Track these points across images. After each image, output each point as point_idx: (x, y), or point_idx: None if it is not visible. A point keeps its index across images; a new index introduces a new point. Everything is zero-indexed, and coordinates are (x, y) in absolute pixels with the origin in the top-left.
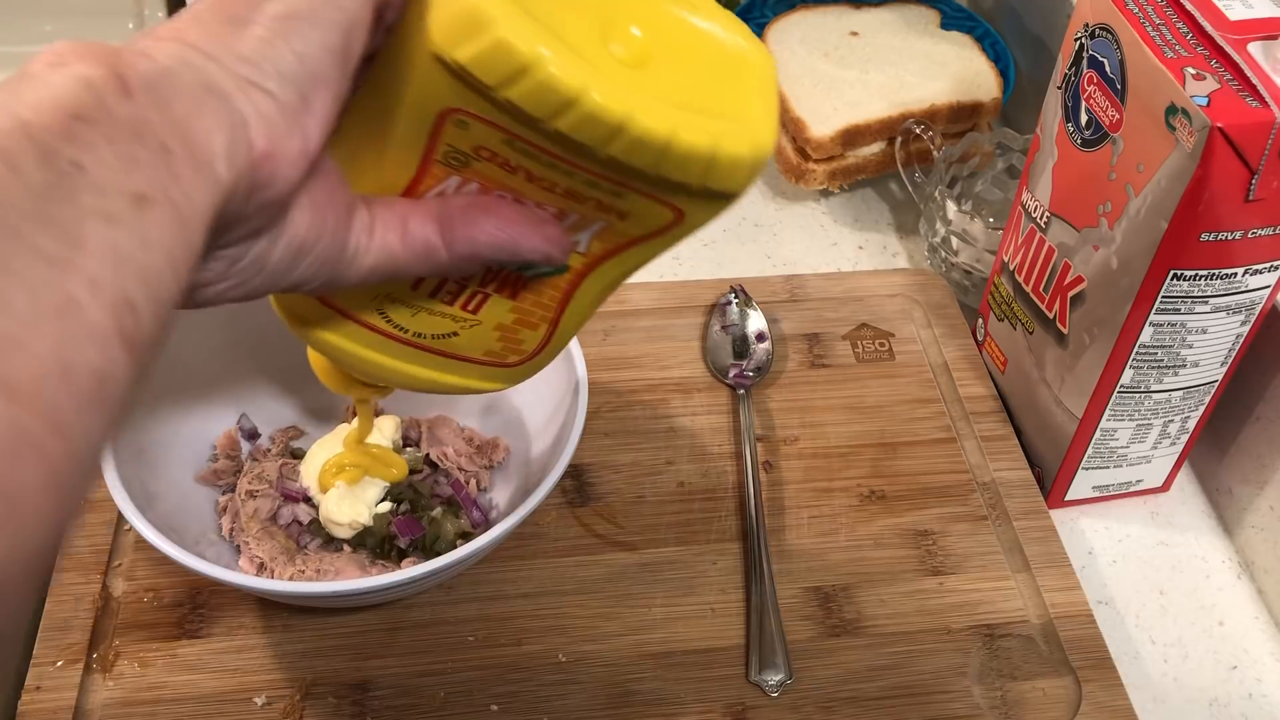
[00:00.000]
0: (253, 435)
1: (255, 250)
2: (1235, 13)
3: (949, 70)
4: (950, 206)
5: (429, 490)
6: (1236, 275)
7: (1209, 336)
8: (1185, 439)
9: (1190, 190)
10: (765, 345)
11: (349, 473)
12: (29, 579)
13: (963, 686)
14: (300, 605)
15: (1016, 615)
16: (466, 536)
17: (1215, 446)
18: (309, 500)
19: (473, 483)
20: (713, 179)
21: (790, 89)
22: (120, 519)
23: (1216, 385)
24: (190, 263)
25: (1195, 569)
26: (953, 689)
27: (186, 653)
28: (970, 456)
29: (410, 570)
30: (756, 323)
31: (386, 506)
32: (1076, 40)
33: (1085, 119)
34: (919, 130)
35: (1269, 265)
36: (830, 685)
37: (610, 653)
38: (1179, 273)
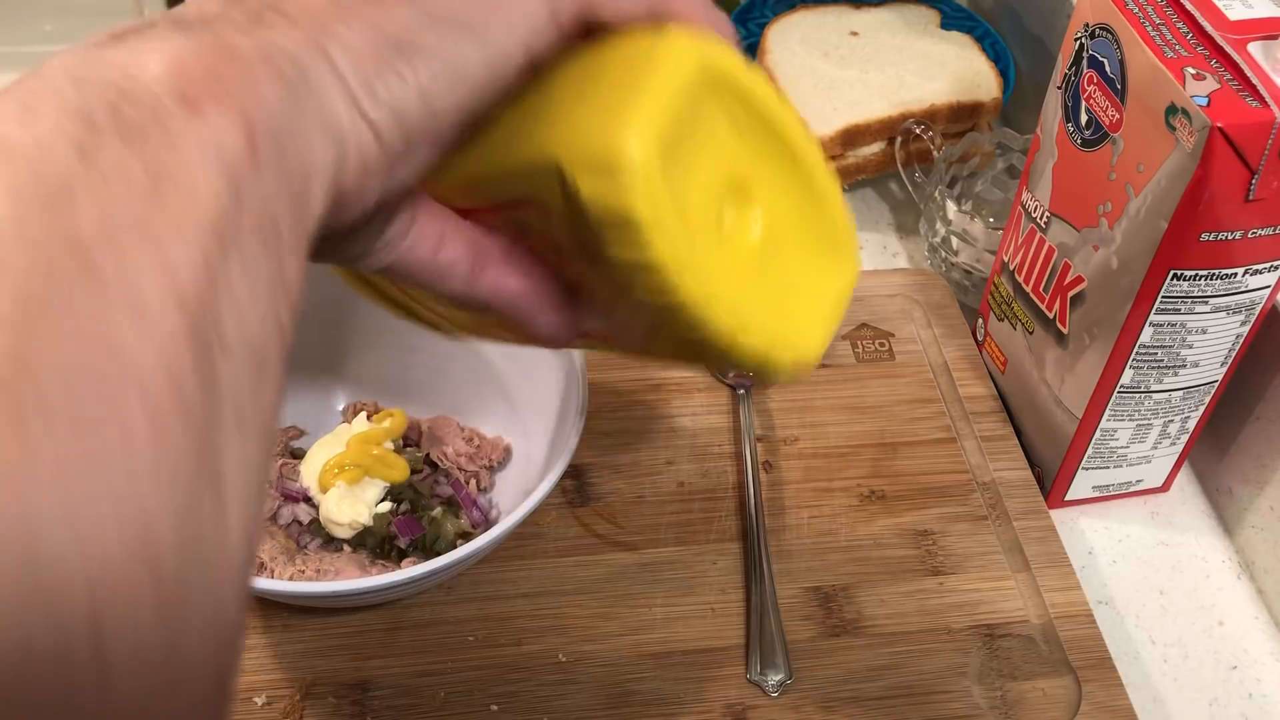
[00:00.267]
0: None
1: None
2: (1235, 13)
3: (949, 70)
4: (950, 206)
5: (429, 490)
6: (1236, 275)
7: (1209, 336)
8: (1185, 439)
9: (1190, 190)
10: None
11: (349, 472)
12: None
13: (963, 686)
14: (300, 605)
15: (1016, 615)
16: (466, 536)
17: (1215, 446)
18: (309, 500)
19: (473, 483)
20: (749, 367)
21: (790, 89)
22: None
23: (1216, 385)
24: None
25: (1195, 569)
26: (953, 689)
27: None
28: (970, 456)
29: (410, 570)
30: None
31: (386, 506)
32: (1076, 40)
33: (1085, 119)
34: (919, 130)
35: (1269, 265)
36: (830, 685)
37: (610, 653)
38: (1179, 273)
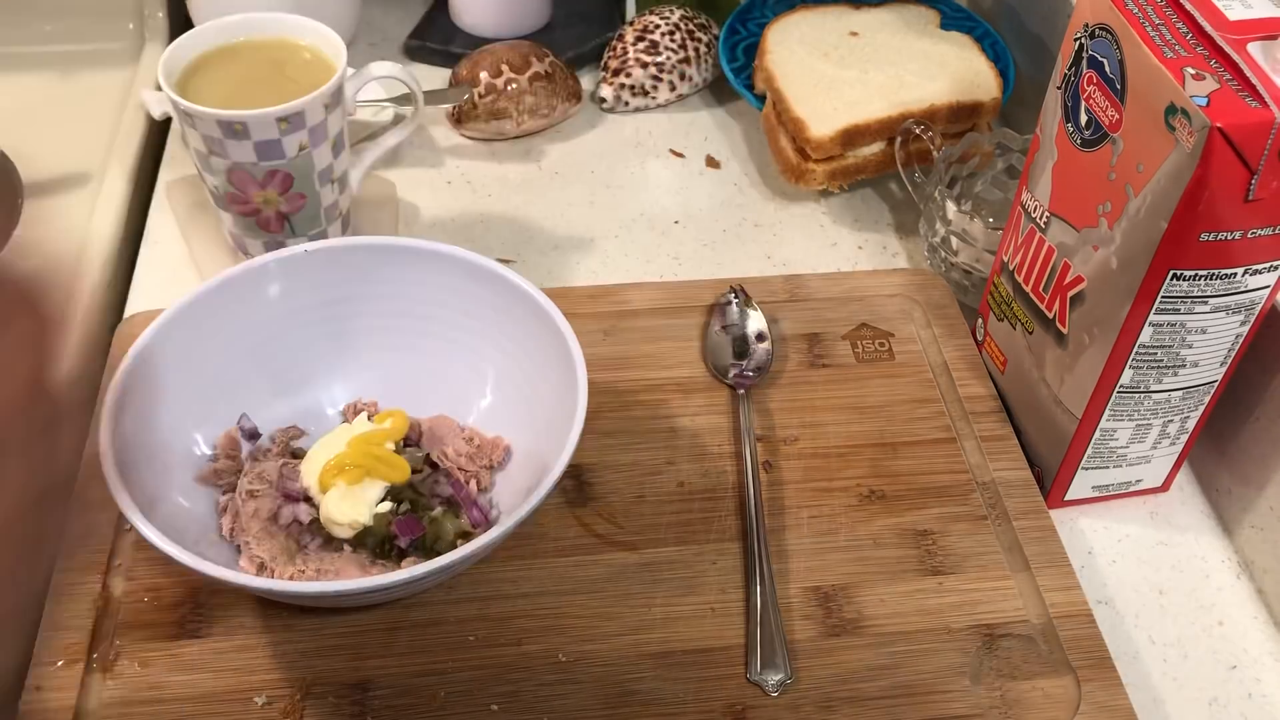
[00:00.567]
0: (253, 435)
1: None
2: (1235, 13)
3: (949, 70)
4: (950, 206)
5: (429, 490)
6: (1236, 275)
7: (1209, 336)
8: (1185, 439)
9: (1190, 190)
10: (765, 345)
11: (350, 473)
12: None
13: (962, 686)
14: (300, 605)
15: (1016, 615)
16: (466, 536)
17: (1215, 446)
18: (309, 500)
19: (473, 483)
20: None
21: (790, 89)
22: (121, 519)
23: (1216, 385)
24: None
25: (1195, 569)
26: (952, 689)
27: (187, 652)
28: (970, 456)
29: (410, 570)
30: (756, 323)
31: (387, 506)
32: (1076, 40)
33: (1085, 119)
34: (919, 130)
35: (1269, 265)
36: (830, 685)
37: (610, 652)
38: (1178, 273)
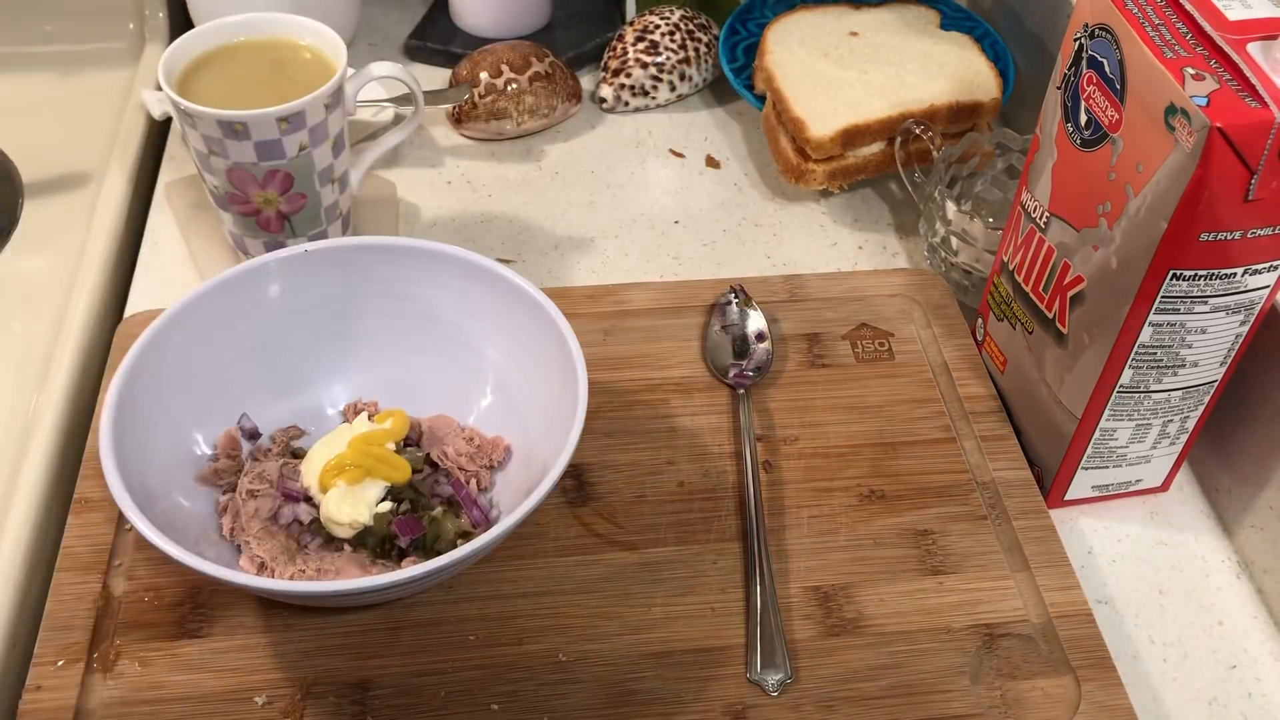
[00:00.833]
0: (253, 435)
1: None
2: (1235, 13)
3: (948, 70)
4: (950, 206)
5: (429, 490)
6: (1236, 275)
7: (1208, 336)
8: (1185, 439)
9: (1189, 190)
10: (765, 345)
11: (350, 473)
12: None
13: (962, 686)
14: (301, 604)
15: (1016, 615)
16: (466, 536)
17: (1215, 446)
18: (309, 500)
19: (473, 482)
20: None
21: (790, 89)
22: (121, 518)
23: (1216, 385)
24: None
25: (1194, 568)
26: (952, 688)
27: (187, 652)
28: (970, 456)
29: (410, 570)
30: (756, 323)
31: (387, 506)
32: (1076, 40)
33: (1084, 119)
34: (919, 130)
35: (1268, 265)
36: (830, 684)
37: (610, 652)
38: (1178, 273)
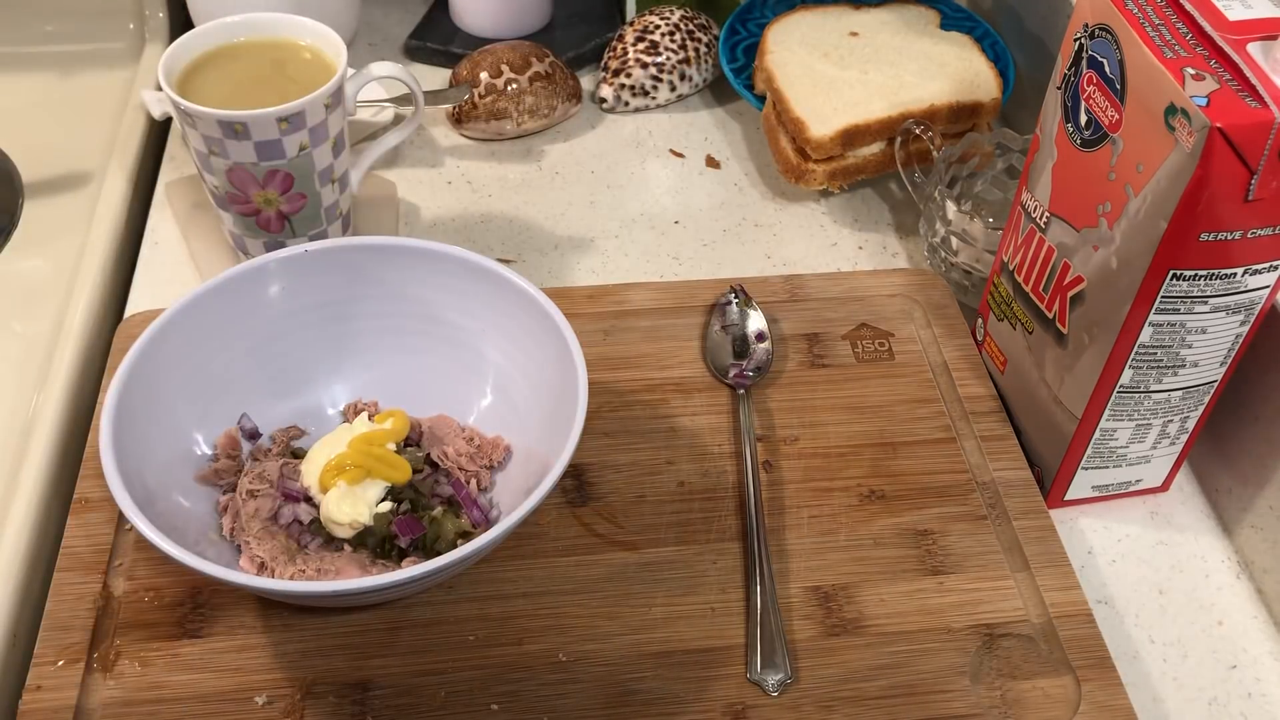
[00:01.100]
0: (253, 435)
1: None
2: (1235, 13)
3: (948, 70)
4: (950, 206)
5: (429, 490)
6: (1236, 275)
7: (1208, 336)
8: (1185, 439)
9: (1190, 190)
10: (765, 345)
11: (351, 473)
12: None
13: (962, 686)
14: (301, 604)
15: (1016, 615)
16: (466, 536)
17: (1215, 446)
18: (309, 500)
19: (473, 482)
20: None
21: (790, 89)
22: (121, 518)
23: (1216, 385)
24: None
25: (1194, 568)
26: (953, 688)
27: (187, 652)
28: (970, 456)
29: (410, 570)
30: (756, 323)
31: (387, 506)
32: (1076, 40)
33: (1085, 119)
34: (919, 130)
35: (1268, 265)
36: (830, 684)
37: (610, 652)
38: (1178, 273)
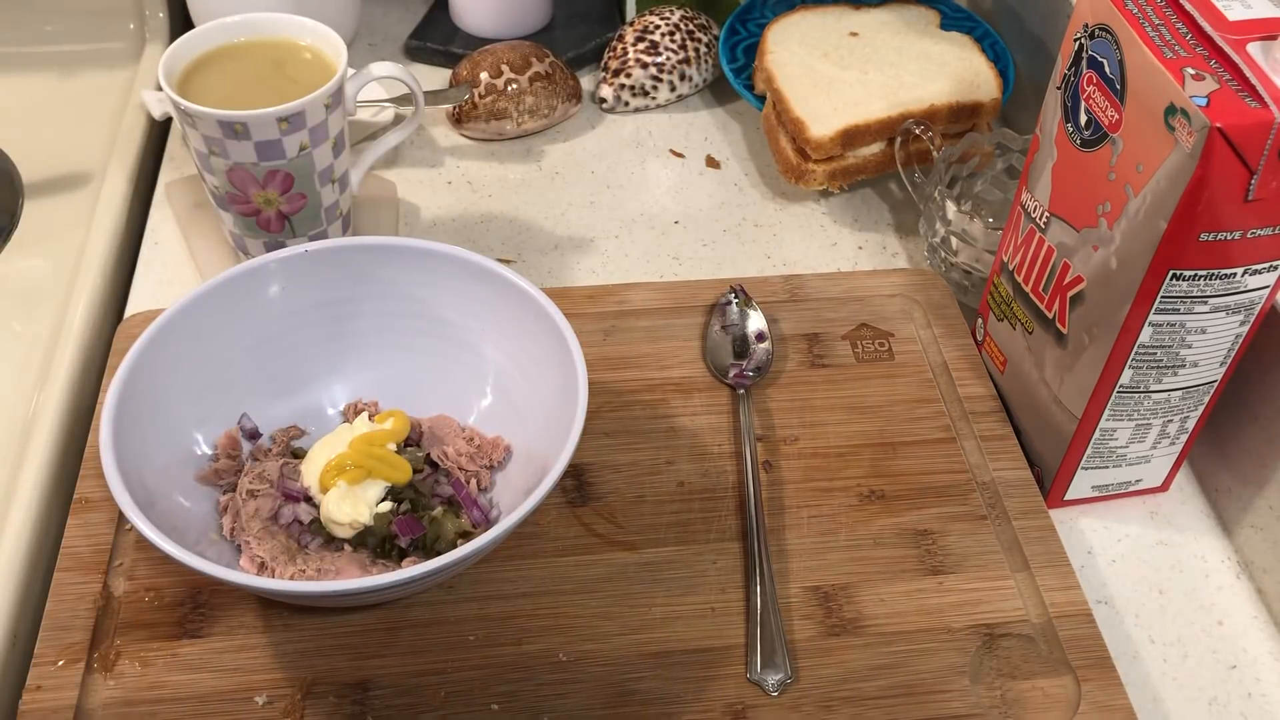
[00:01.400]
0: (253, 435)
1: None
2: (1234, 13)
3: (948, 71)
4: (950, 206)
5: (429, 490)
6: (1236, 275)
7: (1208, 336)
8: (1185, 439)
9: (1189, 190)
10: (765, 345)
11: (351, 473)
12: None
13: (962, 686)
14: (301, 604)
15: (1016, 615)
16: (467, 536)
17: (1215, 446)
18: (310, 500)
19: (473, 482)
20: None
21: (790, 89)
22: (121, 518)
23: (1216, 385)
24: None
25: (1194, 568)
26: (952, 688)
27: (187, 652)
28: (970, 456)
29: (410, 570)
30: (756, 323)
31: (387, 506)
32: (1076, 40)
33: (1084, 119)
34: (919, 130)
35: (1268, 265)
36: (830, 684)
37: (610, 652)
38: (1178, 273)
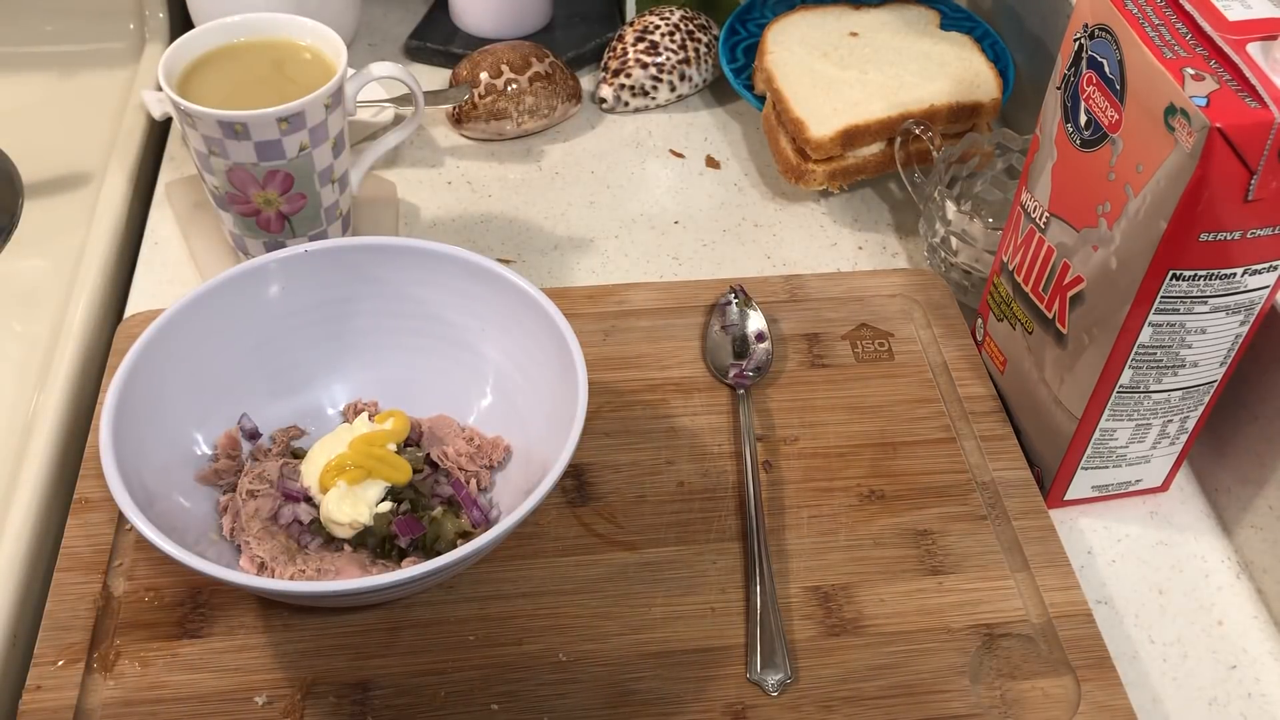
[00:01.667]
0: (253, 435)
1: None
2: (1234, 13)
3: (948, 71)
4: (950, 207)
5: (429, 490)
6: (1235, 275)
7: (1208, 336)
8: (1184, 439)
9: (1189, 191)
10: (765, 345)
11: (351, 473)
12: None
13: (962, 686)
14: (301, 604)
15: (1016, 615)
16: (466, 536)
17: (1214, 446)
18: (309, 500)
19: (473, 482)
20: None
21: (790, 89)
22: (121, 518)
23: (1215, 385)
24: None
25: (1194, 568)
26: (952, 688)
27: (187, 652)
28: (969, 456)
29: (410, 570)
30: (756, 323)
31: (387, 506)
32: (1076, 41)
33: (1084, 119)
34: (918, 131)
35: (1268, 265)
36: (830, 684)
37: (610, 652)
38: (1178, 273)
